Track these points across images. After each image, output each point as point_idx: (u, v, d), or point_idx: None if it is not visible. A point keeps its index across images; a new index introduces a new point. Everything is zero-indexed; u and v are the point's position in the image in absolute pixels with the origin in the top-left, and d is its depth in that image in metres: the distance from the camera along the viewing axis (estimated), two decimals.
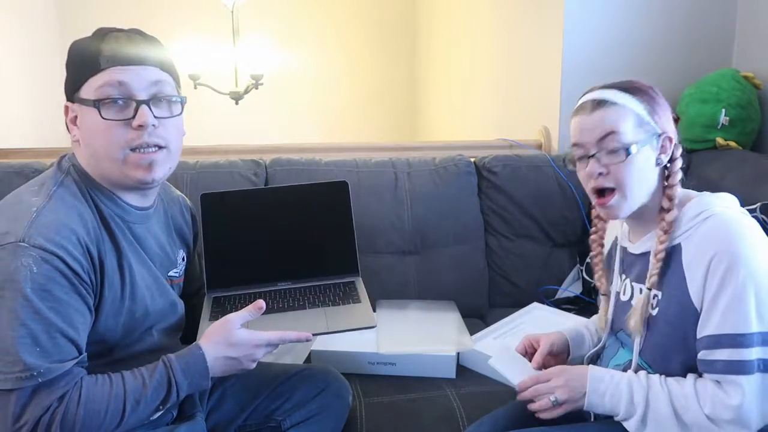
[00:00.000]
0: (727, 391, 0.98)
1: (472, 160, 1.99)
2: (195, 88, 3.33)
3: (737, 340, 0.97)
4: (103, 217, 1.07)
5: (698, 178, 1.78)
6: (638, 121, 1.07)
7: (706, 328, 1.00)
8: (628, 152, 1.05)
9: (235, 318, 1.09)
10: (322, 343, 1.52)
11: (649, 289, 1.07)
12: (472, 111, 3.35)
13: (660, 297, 1.07)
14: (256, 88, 3.43)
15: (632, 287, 1.15)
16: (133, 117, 1.03)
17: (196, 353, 1.05)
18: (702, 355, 1.01)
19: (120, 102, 1.03)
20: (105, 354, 1.07)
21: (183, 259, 1.28)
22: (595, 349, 1.25)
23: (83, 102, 1.04)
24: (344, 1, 4.69)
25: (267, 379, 1.28)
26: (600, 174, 1.07)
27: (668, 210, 1.07)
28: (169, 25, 4.06)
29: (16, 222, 0.97)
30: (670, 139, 1.09)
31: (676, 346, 1.05)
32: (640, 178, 1.07)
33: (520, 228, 1.91)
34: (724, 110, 1.91)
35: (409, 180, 1.87)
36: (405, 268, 1.84)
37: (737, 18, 2.13)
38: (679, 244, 1.05)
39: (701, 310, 1.01)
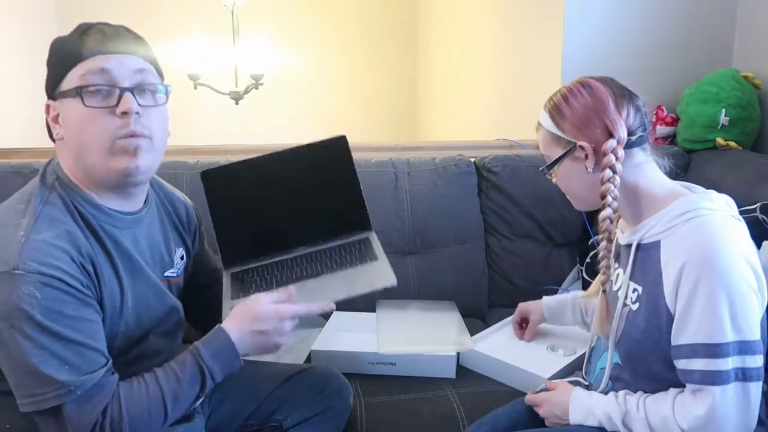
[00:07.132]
0: (696, 401, 0.98)
1: (472, 160, 1.99)
2: (195, 88, 3.33)
3: (712, 350, 0.96)
4: (92, 230, 1.04)
5: (698, 178, 1.78)
6: (550, 138, 1.12)
7: (682, 336, 0.99)
8: (550, 173, 1.13)
9: (264, 296, 1.10)
10: (322, 343, 1.52)
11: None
12: (472, 111, 3.35)
13: (640, 292, 1.07)
14: (256, 88, 3.44)
15: (619, 276, 1.15)
16: (117, 104, 1.01)
17: (221, 335, 1.05)
18: (681, 364, 1.00)
19: (103, 90, 1.01)
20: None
21: (182, 258, 1.26)
22: (578, 355, 1.25)
23: (65, 95, 1.02)
24: (344, 1, 4.69)
25: (268, 379, 1.28)
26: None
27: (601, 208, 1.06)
28: (170, 25, 4.08)
29: (6, 249, 0.95)
30: (583, 148, 1.07)
31: (651, 344, 1.05)
32: (578, 188, 1.12)
33: (520, 228, 1.91)
34: (724, 110, 1.91)
35: (409, 180, 1.87)
36: (405, 268, 1.83)
37: (737, 18, 2.13)
38: (659, 242, 1.04)
39: (674, 312, 1.00)
